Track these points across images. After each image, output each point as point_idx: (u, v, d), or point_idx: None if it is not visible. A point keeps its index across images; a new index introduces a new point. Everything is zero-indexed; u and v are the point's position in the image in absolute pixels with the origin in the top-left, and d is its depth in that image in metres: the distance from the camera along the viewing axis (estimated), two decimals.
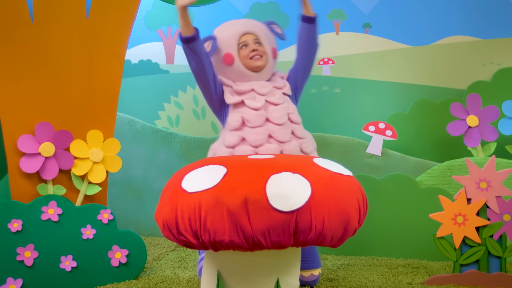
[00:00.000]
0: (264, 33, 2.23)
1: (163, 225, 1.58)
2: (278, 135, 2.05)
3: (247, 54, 2.15)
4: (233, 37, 2.17)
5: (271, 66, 2.22)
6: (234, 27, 2.21)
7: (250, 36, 2.18)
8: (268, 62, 2.19)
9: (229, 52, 2.16)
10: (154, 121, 3.38)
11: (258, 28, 2.23)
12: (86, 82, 2.27)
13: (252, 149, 2.04)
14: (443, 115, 2.90)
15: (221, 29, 2.24)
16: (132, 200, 3.20)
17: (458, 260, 2.12)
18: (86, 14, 2.24)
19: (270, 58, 2.20)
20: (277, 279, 1.62)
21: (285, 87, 2.20)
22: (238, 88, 2.14)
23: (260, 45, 2.17)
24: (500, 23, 3.00)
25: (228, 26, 2.24)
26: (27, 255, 2.09)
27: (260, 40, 2.18)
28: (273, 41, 2.26)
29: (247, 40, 2.17)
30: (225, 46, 2.17)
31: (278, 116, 2.07)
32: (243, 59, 2.15)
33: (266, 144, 2.05)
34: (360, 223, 1.61)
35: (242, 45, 2.16)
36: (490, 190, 2.09)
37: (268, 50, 2.19)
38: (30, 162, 2.15)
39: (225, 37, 2.18)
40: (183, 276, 2.30)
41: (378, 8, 3.14)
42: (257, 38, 2.18)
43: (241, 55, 2.16)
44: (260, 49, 2.17)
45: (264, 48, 2.18)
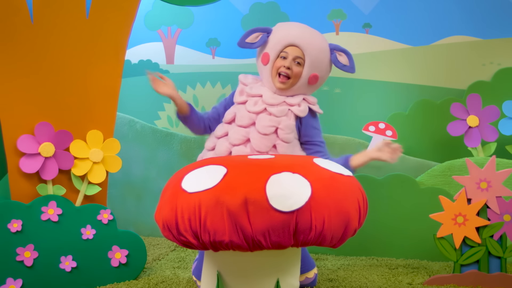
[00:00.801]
0: (316, 54, 2.05)
1: (163, 225, 1.58)
2: (256, 142, 1.98)
3: (279, 66, 2.03)
4: (280, 42, 2.05)
5: (298, 89, 2.08)
6: (290, 32, 2.06)
7: (296, 50, 2.03)
8: (294, 85, 2.06)
9: (268, 53, 2.07)
10: (154, 121, 3.38)
11: (313, 45, 2.05)
12: (86, 82, 2.26)
13: (229, 146, 2.01)
14: (443, 115, 2.90)
15: (281, 26, 2.12)
16: (132, 200, 3.20)
17: (458, 260, 2.12)
18: (86, 14, 2.24)
19: (300, 82, 2.05)
20: (277, 280, 1.62)
21: (297, 106, 2.05)
22: (250, 92, 2.08)
23: (298, 66, 2.03)
24: (500, 23, 3.00)
25: (289, 27, 2.11)
26: (27, 255, 2.09)
27: (303, 59, 2.04)
28: (321, 67, 2.08)
29: (289, 53, 2.03)
30: (270, 46, 2.07)
31: (263, 125, 1.99)
32: (274, 69, 2.05)
33: (242, 146, 2.00)
34: (360, 223, 1.61)
35: (283, 56, 2.05)
36: (490, 190, 2.09)
37: (305, 74, 2.04)
38: (30, 162, 2.15)
39: (276, 36, 2.07)
40: (183, 276, 2.30)
41: (378, 8, 3.14)
42: (301, 56, 2.03)
43: (275, 64, 2.05)
44: (294, 70, 2.03)
45: (302, 69, 2.04)
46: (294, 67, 2.03)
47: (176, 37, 3.36)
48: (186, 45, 3.34)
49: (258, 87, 2.11)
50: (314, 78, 2.07)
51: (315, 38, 2.08)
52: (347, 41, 3.16)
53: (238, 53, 3.24)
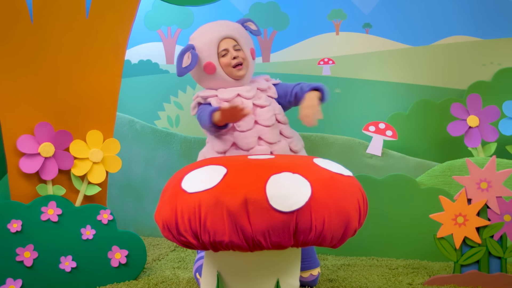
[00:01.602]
0: (242, 35, 2.21)
1: (163, 225, 1.58)
2: (268, 136, 2.06)
3: (228, 62, 2.13)
4: (212, 45, 2.13)
5: (251, 69, 2.22)
6: (211, 32, 2.16)
7: (229, 41, 2.16)
8: (248, 67, 2.18)
9: (210, 61, 2.13)
10: (154, 121, 3.38)
11: (235, 30, 2.19)
12: (85, 82, 2.26)
13: (243, 152, 2.05)
14: (443, 115, 2.90)
15: (197, 36, 2.20)
16: (131, 200, 3.20)
17: (458, 261, 2.12)
18: (85, 14, 2.24)
19: (249, 62, 2.19)
20: (277, 280, 1.62)
21: (270, 89, 2.19)
22: (224, 97, 2.12)
23: (239, 51, 2.16)
24: (501, 23, 3.00)
25: (204, 31, 2.19)
26: (26, 255, 2.09)
27: (239, 44, 2.17)
28: (250, 41, 2.24)
29: (226, 46, 2.14)
30: (205, 55, 2.14)
31: (267, 118, 2.08)
32: (225, 68, 2.14)
33: (257, 146, 2.06)
34: (360, 223, 1.61)
35: (223, 53, 2.14)
36: (490, 191, 2.09)
37: (248, 54, 2.19)
38: (29, 163, 2.15)
39: (203, 45, 2.14)
40: (183, 276, 2.29)
41: (378, 8, 3.14)
42: (237, 43, 2.16)
43: (222, 63, 2.14)
44: (240, 55, 2.15)
45: (244, 53, 2.17)
46: (239, 53, 2.15)
47: (176, 37, 3.36)
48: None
49: (226, 90, 2.15)
50: (253, 52, 2.23)
51: (230, 23, 2.23)
52: (347, 41, 3.16)
53: None
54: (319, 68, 3.19)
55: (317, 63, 3.19)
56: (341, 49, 3.17)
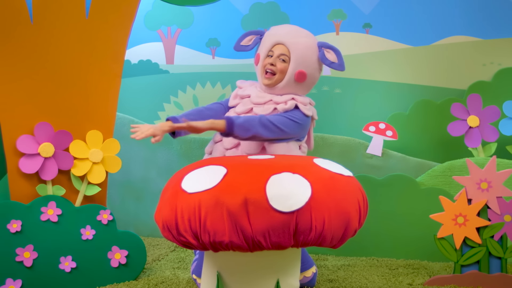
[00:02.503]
0: (301, 51, 2.06)
1: (162, 225, 1.57)
2: (245, 145, 2.03)
3: (266, 64, 2.10)
4: (269, 42, 2.13)
5: (286, 86, 2.08)
6: (278, 31, 2.14)
7: (281, 47, 2.08)
8: (280, 81, 2.07)
9: (259, 54, 2.16)
10: (154, 121, 3.37)
11: (298, 43, 2.07)
12: (85, 82, 2.26)
13: (223, 150, 2.07)
14: (443, 115, 2.90)
15: (272, 29, 2.18)
16: (131, 200, 3.20)
17: (458, 261, 2.12)
18: (85, 14, 2.24)
19: (286, 78, 2.07)
20: (277, 280, 1.62)
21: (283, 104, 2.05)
22: (241, 93, 2.16)
23: (283, 62, 2.07)
24: (501, 23, 2.99)
25: (277, 29, 2.17)
26: (26, 255, 2.09)
27: (288, 56, 2.07)
28: (308, 64, 2.07)
29: (275, 51, 2.09)
30: (261, 46, 2.17)
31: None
32: (262, 68, 2.13)
33: (234, 149, 2.05)
34: (360, 223, 1.61)
35: (269, 55, 2.11)
36: (490, 191, 2.09)
37: (291, 70, 2.06)
38: (29, 163, 2.15)
39: (266, 38, 2.16)
40: (183, 277, 2.29)
41: (378, 8, 3.13)
42: (286, 53, 2.07)
43: (263, 62, 2.12)
44: (279, 66, 2.06)
45: (286, 66, 2.06)
46: (279, 63, 2.08)
47: (176, 37, 3.36)
48: (186, 45, 3.34)
49: (249, 88, 2.17)
50: (300, 75, 2.07)
51: (301, 35, 2.12)
52: (347, 41, 3.15)
53: (238, 53, 3.23)
54: None
55: None
56: (341, 49, 3.12)
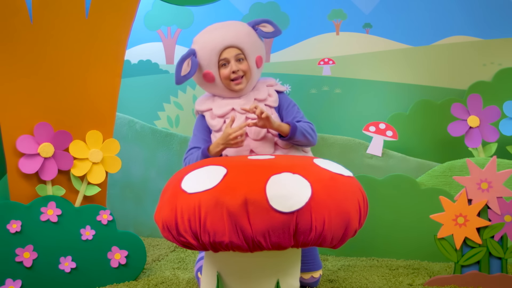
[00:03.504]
0: (248, 42, 2.08)
1: (162, 226, 1.57)
2: (259, 150, 2.03)
3: (227, 74, 2.05)
4: (213, 54, 2.05)
5: (254, 79, 2.13)
6: (214, 39, 2.06)
7: (232, 51, 2.05)
8: (250, 79, 2.10)
9: (209, 71, 2.08)
10: (154, 121, 3.37)
11: (241, 37, 2.07)
12: (85, 82, 2.26)
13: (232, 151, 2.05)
14: (443, 115, 2.90)
15: (200, 40, 2.11)
16: (131, 201, 3.20)
17: (459, 261, 2.11)
18: (85, 14, 2.24)
19: (253, 73, 2.10)
20: (277, 280, 1.62)
21: (270, 97, 2.11)
22: (218, 112, 2.10)
23: (242, 62, 2.07)
24: (501, 23, 2.99)
25: (208, 37, 2.09)
26: (26, 256, 2.09)
27: (243, 54, 2.07)
28: (259, 48, 2.12)
29: (227, 57, 2.05)
30: (205, 63, 2.08)
31: (256, 131, 2.03)
32: (224, 80, 2.07)
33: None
34: (360, 224, 1.61)
35: (223, 63, 2.06)
36: (491, 191, 2.08)
37: (252, 63, 2.08)
38: (29, 163, 2.15)
39: (204, 52, 2.07)
40: (183, 277, 2.29)
41: (378, 8, 3.13)
42: (240, 52, 2.06)
43: (221, 75, 2.07)
44: (242, 67, 2.06)
45: (247, 63, 2.07)
46: (240, 65, 2.07)
47: (176, 37, 3.36)
48: (186, 45, 3.34)
49: (221, 103, 2.11)
50: (259, 60, 2.13)
51: (237, 28, 2.10)
52: (347, 41, 3.15)
53: None
54: (319, 68, 3.18)
55: (317, 63, 3.18)
56: (341, 49, 3.17)
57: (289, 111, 2.13)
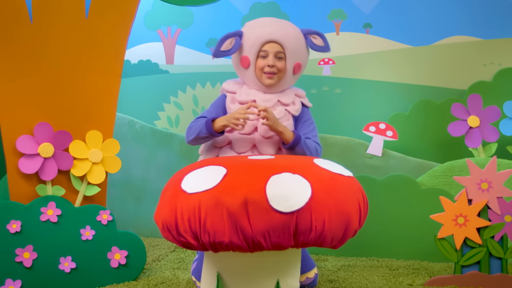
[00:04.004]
0: (294, 45, 2.08)
1: (162, 226, 1.57)
2: (262, 147, 2.02)
3: (262, 66, 2.06)
4: (256, 42, 2.06)
5: (286, 82, 2.12)
6: (263, 30, 2.07)
7: (274, 46, 2.05)
8: (282, 79, 2.09)
9: (247, 56, 2.08)
10: (154, 121, 3.37)
11: (289, 37, 2.07)
12: (85, 83, 2.26)
13: (234, 154, 2.04)
14: (444, 115, 2.90)
15: (251, 26, 2.12)
16: (131, 201, 3.19)
17: (459, 261, 2.11)
18: (85, 14, 2.23)
19: (287, 75, 2.09)
20: (277, 280, 1.61)
21: (293, 105, 2.10)
22: (240, 98, 2.10)
23: (280, 60, 2.06)
24: (501, 23, 2.99)
25: (258, 25, 2.11)
26: (26, 256, 2.09)
27: (284, 53, 2.07)
28: (301, 55, 2.11)
29: (268, 50, 2.05)
30: (246, 48, 2.08)
31: (265, 129, 2.01)
32: (258, 70, 2.08)
33: (249, 152, 2.04)
34: (360, 224, 1.61)
35: (262, 55, 2.06)
36: (491, 191, 2.08)
37: (289, 66, 2.08)
38: (29, 163, 2.14)
39: (250, 38, 2.07)
40: (183, 277, 2.29)
41: (378, 8, 3.13)
42: (281, 50, 2.06)
43: (257, 64, 2.07)
44: (278, 65, 2.06)
45: (285, 63, 2.07)
46: (277, 62, 2.07)
47: (176, 37, 3.36)
48: (186, 45, 3.34)
49: (247, 91, 2.12)
50: (298, 67, 2.11)
51: (288, 28, 2.10)
52: (347, 41, 3.15)
53: None
54: (320, 68, 3.18)
55: (317, 63, 3.18)
56: (341, 49, 3.17)
57: (304, 125, 2.12)
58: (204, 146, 2.16)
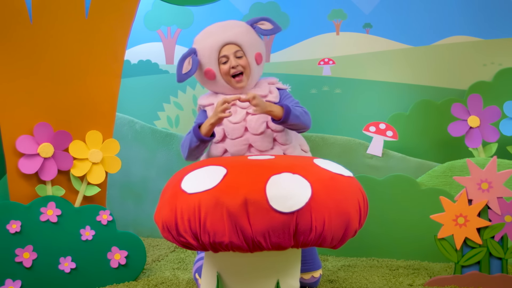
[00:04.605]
0: (247, 39, 2.13)
1: (162, 226, 1.57)
2: (258, 144, 2.04)
3: (227, 70, 2.09)
4: (212, 51, 2.09)
5: (254, 75, 2.16)
6: (213, 37, 2.11)
7: (231, 47, 2.10)
8: (250, 75, 2.13)
9: (209, 68, 2.11)
10: (154, 121, 3.37)
11: (240, 34, 2.12)
12: (85, 83, 2.26)
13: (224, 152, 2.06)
14: (444, 115, 2.90)
15: (200, 39, 2.16)
16: (131, 201, 3.19)
17: (459, 262, 2.11)
18: (85, 14, 2.23)
19: (252, 68, 2.13)
20: (277, 281, 1.61)
21: (270, 94, 2.14)
22: None
23: (241, 58, 2.10)
24: (502, 23, 2.99)
25: (207, 35, 2.14)
26: (25, 256, 2.09)
27: (242, 50, 2.11)
28: (258, 45, 2.16)
29: (227, 53, 2.09)
30: (205, 61, 2.11)
31: (255, 127, 2.03)
32: (224, 76, 2.11)
33: (247, 153, 2.05)
34: (360, 224, 1.61)
35: (223, 60, 2.09)
36: (491, 191, 2.08)
37: (251, 59, 2.12)
38: (29, 163, 2.14)
39: (204, 50, 2.11)
40: (183, 277, 2.29)
41: (378, 8, 3.13)
42: (239, 49, 2.11)
43: (222, 70, 2.10)
44: (241, 63, 2.09)
45: (246, 59, 2.11)
46: (239, 61, 2.10)
47: (176, 37, 3.36)
48: (186, 45, 3.34)
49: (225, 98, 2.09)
50: (259, 57, 2.16)
51: (234, 26, 2.16)
52: (347, 41, 3.15)
53: None
54: (320, 68, 3.18)
55: (317, 63, 3.18)
56: (341, 49, 3.16)
57: (285, 101, 2.15)
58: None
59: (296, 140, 2.13)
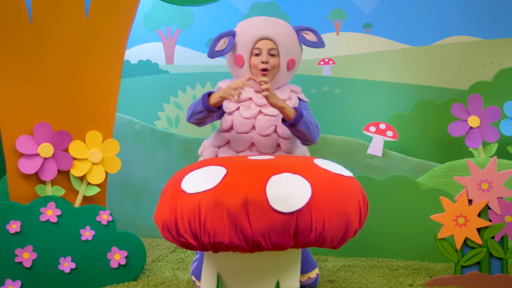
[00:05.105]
0: (286, 41, 2.11)
1: (162, 226, 1.57)
2: (261, 145, 2.04)
3: (257, 63, 2.08)
4: (249, 40, 2.09)
5: (281, 79, 2.14)
6: (255, 28, 2.11)
7: (267, 43, 2.09)
8: (276, 76, 2.11)
9: (241, 54, 2.11)
10: (154, 121, 3.37)
11: (281, 34, 2.10)
12: (85, 83, 2.26)
13: (233, 153, 2.06)
14: (444, 115, 2.90)
15: (244, 25, 2.16)
16: (131, 201, 3.19)
17: (459, 262, 2.11)
18: (85, 14, 2.23)
19: (281, 71, 2.11)
20: (277, 281, 1.61)
21: (289, 100, 2.11)
22: None
23: (273, 57, 2.09)
24: (502, 23, 2.99)
25: (250, 24, 2.14)
26: (25, 256, 2.08)
27: (277, 49, 2.09)
28: (295, 51, 2.14)
29: (262, 48, 2.08)
30: (240, 47, 2.11)
31: (263, 127, 2.03)
32: (253, 68, 2.10)
33: (247, 151, 2.05)
34: (360, 224, 1.61)
35: (256, 52, 2.09)
36: (491, 191, 2.08)
37: (283, 62, 2.10)
38: (28, 163, 2.14)
39: (243, 37, 2.11)
40: (183, 277, 2.29)
41: (378, 8, 3.13)
42: (274, 47, 2.09)
43: (251, 62, 2.10)
44: (271, 61, 2.08)
45: (278, 59, 2.09)
46: (271, 59, 2.09)
47: (175, 37, 3.35)
48: (186, 45, 3.34)
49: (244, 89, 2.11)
50: (291, 63, 2.14)
51: (280, 25, 2.14)
52: (347, 41, 3.15)
53: None
54: (320, 68, 3.18)
55: (317, 63, 3.18)
56: (341, 49, 3.16)
57: None
58: (203, 146, 2.17)
59: (300, 150, 2.13)
